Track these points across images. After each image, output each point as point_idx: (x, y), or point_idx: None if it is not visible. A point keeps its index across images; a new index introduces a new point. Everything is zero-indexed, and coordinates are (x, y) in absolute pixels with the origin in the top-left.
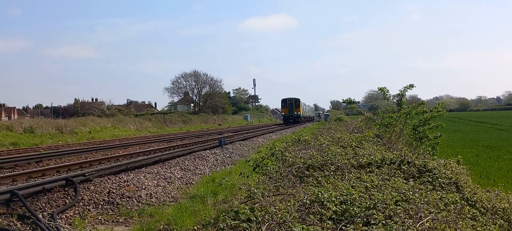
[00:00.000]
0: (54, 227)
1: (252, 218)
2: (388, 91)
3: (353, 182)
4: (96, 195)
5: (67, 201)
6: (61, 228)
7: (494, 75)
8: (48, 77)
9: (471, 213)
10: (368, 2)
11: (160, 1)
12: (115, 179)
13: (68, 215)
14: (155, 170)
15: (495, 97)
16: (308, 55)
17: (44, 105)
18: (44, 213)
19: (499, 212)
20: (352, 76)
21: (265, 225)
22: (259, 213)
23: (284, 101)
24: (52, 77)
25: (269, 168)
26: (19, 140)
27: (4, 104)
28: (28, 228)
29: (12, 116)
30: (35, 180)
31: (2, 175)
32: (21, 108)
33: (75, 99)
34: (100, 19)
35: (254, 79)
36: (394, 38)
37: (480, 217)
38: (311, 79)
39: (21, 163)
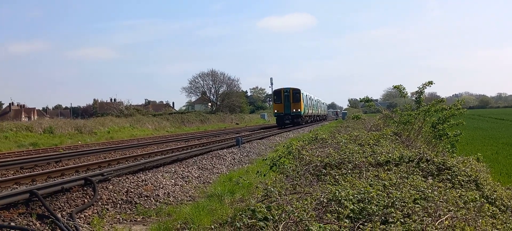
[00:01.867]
0: (73, 226)
1: (269, 217)
2: (404, 89)
3: (371, 180)
4: (115, 194)
5: (85, 200)
6: (80, 228)
7: None
8: (68, 78)
9: (491, 211)
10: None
11: (178, 2)
12: (133, 179)
13: (86, 214)
14: (173, 169)
15: None
16: (327, 53)
17: (63, 106)
18: (63, 213)
19: None
20: (370, 74)
21: (282, 223)
22: (276, 212)
23: (277, 93)
24: (71, 78)
25: (286, 167)
26: (38, 140)
27: (24, 105)
28: (47, 228)
29: (32, 117)
30: (54, 180)
31: (22, 175)
32: (41, 109)
33: (94, 99)
34: (119, 21)
35: (271, 78)
36: (414, 35)
37: (500, 214)
38: (329, 77)
39: (40, 163)
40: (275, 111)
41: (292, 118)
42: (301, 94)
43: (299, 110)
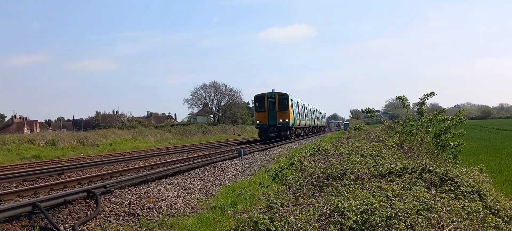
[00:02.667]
0: None
1: (271, 228)
2: (407, 99)
3: (374, 191)
4: (117, 207)
5: (88, 212)
6: None
7: None
8: (70, 91)
9: (494, 222)
10: (387, 11)
11: (180, 15)
12: (135, 190)
13: (89, 226)
14: (175, 181)
15: None
16: (327, 64)
17: (66, 119)
18: (66, 225)
19: None
20: (372, 84)
21: None
22: (279, 223)
23: (259, 99)
24: (73, 90)
25: (288, 178)
26: (41, 153)
27: (26, 117)
28: None
29: (35, 129)
30: (57, 192)
31: (25, 187)
32: (43, 121)
33: (96, 112)
34: (121, 32)
35: (273, 89)
36: (415, 45)
37: (503, 225)
38: (330, 88)
39: (43, 175)
40: (257, 122)
41: (278, 130)
42: (290, 101)
43: (287, 120)
